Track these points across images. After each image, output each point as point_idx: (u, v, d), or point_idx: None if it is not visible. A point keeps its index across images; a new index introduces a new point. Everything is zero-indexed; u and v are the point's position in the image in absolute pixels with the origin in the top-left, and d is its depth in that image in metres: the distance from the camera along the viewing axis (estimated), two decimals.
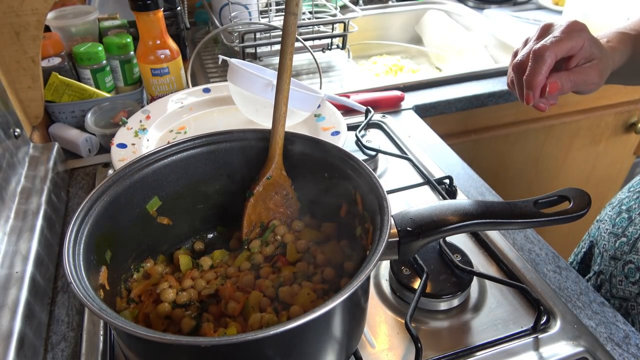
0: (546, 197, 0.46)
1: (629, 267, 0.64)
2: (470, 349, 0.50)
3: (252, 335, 0.32)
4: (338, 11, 1.10)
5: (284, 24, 0.49)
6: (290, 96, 0.70)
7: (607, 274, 0.67)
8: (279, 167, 0.52)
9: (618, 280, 0.65)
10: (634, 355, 0.51)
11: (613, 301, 0.65)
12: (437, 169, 0.76)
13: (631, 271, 0.63)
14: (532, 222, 0.45)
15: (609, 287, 0.66)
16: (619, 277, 0.65)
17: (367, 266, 0.36)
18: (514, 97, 1.05)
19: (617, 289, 0.65)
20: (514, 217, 0.45)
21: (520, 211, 0.45)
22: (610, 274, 0.66)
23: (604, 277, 0.68)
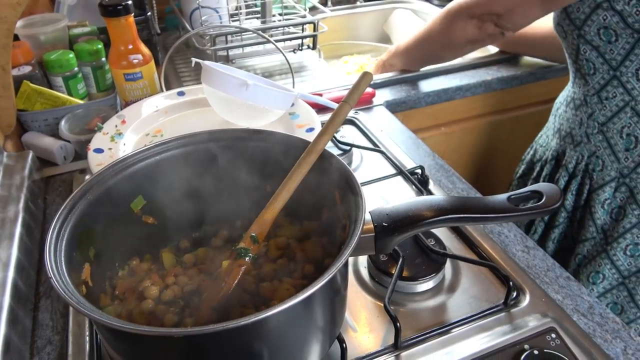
0: (519, 193, 0.48)
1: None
2: (446, 326, 0.53)
3: (223, 325, 0.32)
4: (307, 12, 1.12)
5: (337, 110, 0.50)
6: (265, 95, 0.72)
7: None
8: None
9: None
10: (598, 324, 0.55)
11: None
12: (409, 161, 0.79)
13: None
14: (506, 216, 0.47)
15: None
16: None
17: (338, 260, 0.38)
18: (481, 90, 1.10)
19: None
20: (488, 212, 0.47)
21: (494, 206, 0.47)
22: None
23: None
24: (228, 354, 0.38)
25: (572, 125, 0.81)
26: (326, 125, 0.50)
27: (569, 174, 0.82)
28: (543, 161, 0.89)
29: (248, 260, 0.46)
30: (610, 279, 0.78)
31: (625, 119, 0.72)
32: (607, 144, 0.75)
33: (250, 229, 0.47)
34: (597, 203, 0.77)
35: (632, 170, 0.73)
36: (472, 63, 1.14)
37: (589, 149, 0.77)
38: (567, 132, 0.82)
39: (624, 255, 0.76)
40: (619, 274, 0.77)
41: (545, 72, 1.13)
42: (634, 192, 0.73)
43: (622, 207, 0.75)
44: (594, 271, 0.78)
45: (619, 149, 0.74)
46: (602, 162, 0.76)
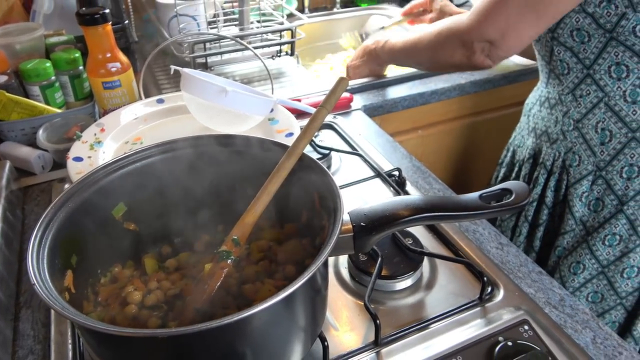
0: (490, 191, 0.50)
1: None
2: (425, 322, 0.55)
3: (207, 325, 0.34)
4: (285, 19, 1.14)
5: (315, 114, 0.51)
6: (244, 101, 0.73)
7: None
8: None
9: None
10: (569, 315, 0.57)
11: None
12: (387, 163, 0.81)
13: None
14: (478, 214, 0.49)
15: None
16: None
17: (317, 259, 0.39)
18: (455, 94, 1.13)
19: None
20: (460, 210, 0.49)
21: (467, 204, 0.49)
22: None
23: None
24: (212, 354, 0.39)
25: (548, 123, 0.83)
26: (304, 129, 0.51)
27: (547, 171, 0.84)
28: (521, 161, 0.91)
29: (230, 263, 0.47)
30: (591, 269, 0.80)
31: (599, 114, 0.75)
32: (583, 140, 0.78)
33: (231, 232, 0.48)
34: (575, 197, 0.80)
35: (608, 163, 0.76)
36: None
37: (566, 145, 0.80)
38: (542, 130, 0.85)
39: (602, 246, 0.79)
40: (598, 263, 0.80)
41: (517, 75, 1.17)
42: (610, 183, 0.76)
43: (600, 199, 0.78)
44: (575, 262, 0.81)
45: (594, 144, 0.76)
46: (579, 157, 0.78)
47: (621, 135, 0.73)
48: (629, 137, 0.73)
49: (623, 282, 0.79)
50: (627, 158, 0.74)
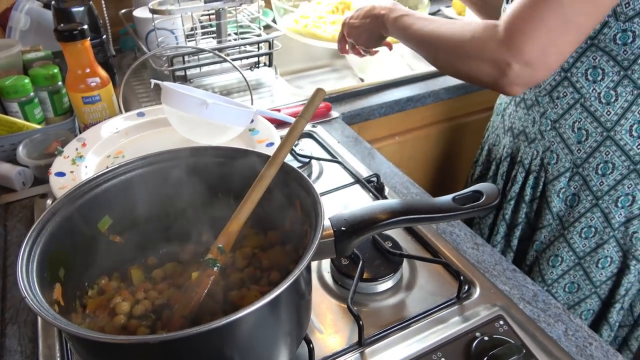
0: (463, 193, 0.53)
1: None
2: (406, 322, 0.57)
3: (198, 329, 0.35)
4: (262, 31, 1.16)
5: (294, 124, 0.53)
6: (224, 113, 0.75)
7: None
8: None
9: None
10: (542, 309, 0.60)
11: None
12: (366, 169, 0.84)
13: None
14: (451, 215, 0.51)
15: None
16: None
17: (300, 264, 0.41)
18: (430, 100, 1.17)
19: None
20: (435, 212, 0.51)
21: (441, 206, 0.52)
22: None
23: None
24: (202, 358, 0.40)
25: (525, 124, 0.85)
26: (285, 139, 0.53)
27: (525, 170, 0.86)
28: (498, 159, 0.94)
29: (216, 270, 0.48)
30: (568, 261, 0.84)
31: (575, 114, 0.78)
32: (561, 139, 0.80)
33: (216, 241, 0.50)
34: (553, 193, 0.82)
35: (584, 160, 0.79)
36: (421, 75, 1.20)
37: (544, 144, 0.82)
38: (520, 130, 0.87)
39: (579, 238, 0.82)
40: (575, 255, 0.83)
41: None
42: (586, 179, 0.80)
43: (576, 194, 0.82)
44: (553, 255, 0.84)
45: (571, 142, 0.79)
46: (557, 156, 0.81)
47: (597, 134, 0.77)
48: (604, 135, 0.76)
49: (598, 271, 0.84)
50: (602, 155, 0.77)
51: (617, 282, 0.85)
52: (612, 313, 0.85)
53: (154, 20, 1.02)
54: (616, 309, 0.85)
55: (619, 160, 0.77)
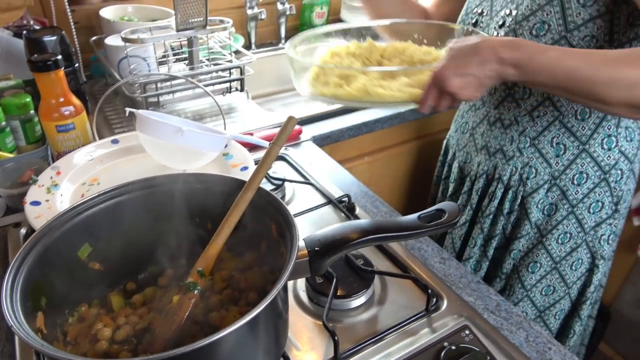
0: (427, 212, 0.57)
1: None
2: (379, 335, 0.60)
3: (182, 349, 0.37)
4: (233, 57, 1.19)
5: (267, 151, 0.55)
6: (199, 139, 0.77)
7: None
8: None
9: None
10: (505, 318, 0.64)
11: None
12: (337, 190, 0.87)
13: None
14: (416, 233, 0.55)
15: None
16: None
17: (277, 284, 0.43)
18: (397, 122, 1.22)
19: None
20: (402, 230, 0.55)
21: (407, 225, 0.55)
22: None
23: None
24: None
25: (502, 142, 0.88)
26: (259, 165, 0.56)
27: (504, 186, 0.90)
28: (472, 176, 0.96)
29: (197, 293, 0.50)
30: (546, 266, 0.89)
31: (554, 130, 0.82)
32: (539, 154, 0.85)
33: (196, 265, 0.52)
34: (532, 205, 0.87)
35: (561, 172, 0.84)
36: None
37: (522, 161, 0.86)
38: (496, 148, 0.90)
39: (556, 244, 0.88)
40: (552, 260, 0.89)
41: None
42: (563, 190, 0.85)
43: (554, 204, 0.87)
44: (533, 262, 0.89)
45: (550, 157, 0.84)
46: (535, 170, 0.86)
47: (574, 147, 0.82)
48: (580, 148, 0.82)
49: (572, 273, 0.90)
50: (578, 167, 0.83)
51: (587, 281, 0.92)
52: (584, 309, 0.92)
53: (126, 48, 1.04)
54: (586, 304, 0.92)
55: (592, 171, 0.83)
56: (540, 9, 0.75)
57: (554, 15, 0.73)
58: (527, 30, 0.76)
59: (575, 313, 0.95)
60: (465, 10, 0.91)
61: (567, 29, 0.73)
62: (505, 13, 0.80)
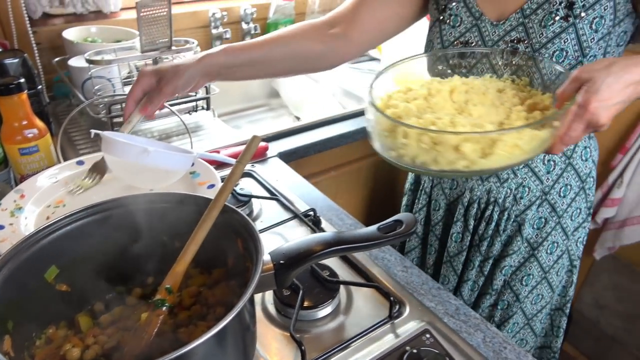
0: (386, 223, 0.59)
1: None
2: (345, 343, 0.62)
3: None
4: None
5: (232, 169, 0.57)
6: (165, 159, 0.79)
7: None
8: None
9: None
10: (463, 321, 0.68)
11: None
12: (303, 204, 0.90)
13: None
14: (376, 243, 0.58)
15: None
16: None
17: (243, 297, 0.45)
18: (360, 136, 1.26)
19: None
20: (362, 241, 0.57)
21: (367, 236, 0.58)
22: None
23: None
24: None
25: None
26: (224, 184, 0.58)
27: (500, 208, 0.90)
28: (465, 203, 0.93)
29: (165, 310, 0.52)
30: (537, 277, 0.93)
31: None
32: (532, 173, 0.87)
33: (164, 282, 0.53)
34: (526, 222, 0.89)
35: (551, 187, 0.88)
36: (351, 113, 1.30)
37: (516, 182, 0.88)
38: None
39: (546, 254, 0.92)
40: (542, 270, 0.93)
41: None
42: (552, 203, 0.88)
43: (544, 217, 0.90)
44: (526, 274, 0.92)
45: (542, 174, 0.87)
46: (528, 188, 0.88)
47: (561, 162, 0.86)
48: (566, 162, 0.86)
49: (558, 279, 0.95)
50: (564, 180, 0.87)
51: (567, 283, 0.97)
52: (567, 307, 0.98)
53: (90, 69, 1.05)
54: (569, 302, 0.98)
55: (574, 182, 0.88)
56: (556, 36, 0.75)
57: (570, 42, 0.75)
58: (547, 57, 0.75)
59: (560, 312, 0.99)
60: (442, 45, 0.86)
61: (583, 54, 0.75)
62: (510, 40, 0.79)
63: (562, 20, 0.74)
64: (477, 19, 0.82)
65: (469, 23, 0.83)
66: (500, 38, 0.80)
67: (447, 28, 0.85)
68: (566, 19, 0.74)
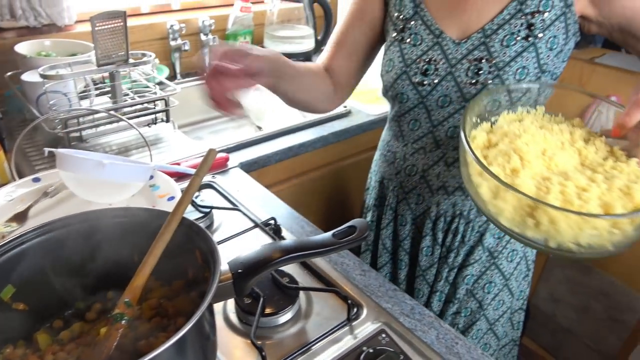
0: (340, 229, 0.62)
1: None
2: (305, 346, 0.64)
3: None
4: (157, 88, 1.21)
5: (190, 182, 0.58)
6: (122, 171, 0.79)
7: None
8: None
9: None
10: (418, 320, 0.71)
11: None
12: (264, 214, 0.91)
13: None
14: (331, 249, 0.60)
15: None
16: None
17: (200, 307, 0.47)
18: (320, 145, 1.29)
19: None
20: (318, 247, 0.60)
21: (323, 243, 0.61)
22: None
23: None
24: None
25: (461, 180, 0.85)
26: (182, 196, 0.59)
27: (466, 220, 0.91)
28: (433, 217, 0.94)
29: (124, 323, 0.52)
30: (499, 284, 0.96)
31: None
32: None
33: (123, 296, 0.54)
34: (487, 231, 0.91)
35: None
36: (310, 122, 1.33)
37: None
38: (455, 187, 0.90)
39: (507, 262, 0.94)
40: (503, 277, 0.95)
41: (369, 124, 1.37)
42: None
43: None
44: (488, 282, 0.95)
45: None
46: None
47: None
48: None
49: (517, 284, 0.98)
50: None
51: (525, 284, 1.00)
52: (525, 304, 1.02)
53: (44, 84, 1.03)
54: (526, 300, 1.01)
55: None
56: (518, 55, 0.79)
57: (531, 60, 0.79)
58: (511, 75, 0.80)
59: (519, 310, 1.03)
60: (403, 63, 0.86)
61: (542, 71, 0.80)
62: (474, 58, 0.81)
63: (523, 40, 0.78)
64: (438, 37, 0.84)
65: (430, 41, 0.85)
66: (464, 56, 0.82)
67: (407, 47, 0.86)
68: (527, 39, 0.78)
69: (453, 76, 0.83)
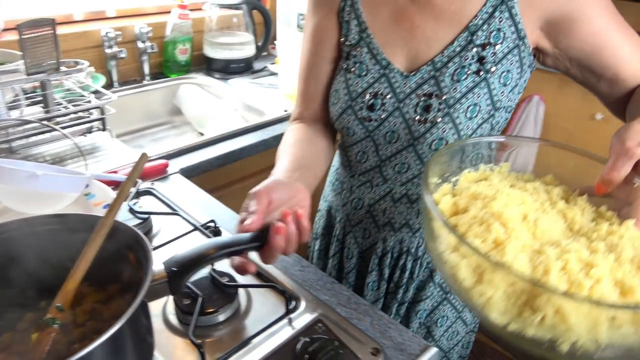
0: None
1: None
2: (245, 341, 0.66)
3: None
4: (92, 97, 1.19)
5: (121, 187, 0.58)
6: (55, 182, 0.78)
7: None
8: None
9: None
10: (354, 309, 0.75)
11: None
12: (205, 217, 0.92)
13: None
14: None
15: None
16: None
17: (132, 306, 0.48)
18: (262, 148, 1.31)
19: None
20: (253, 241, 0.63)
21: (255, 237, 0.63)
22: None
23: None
24: None
25: (408, 217, 0.86)
26: (114, 201, 0.60)
27: (413, 257, 0.89)
28: (378, 253, 0.92)
29: (56, 328, 0.52)
30: (451, 317, 0.95)
31: None
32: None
33: (55, 300, 0.54)
34: (437, 269, 0.90)
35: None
36: (251, 127, 1.35)
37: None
38: (402, 223, 0.88)
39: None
40: (455, 311, 0.95)
41: None
42: None
43: None
44: (440, 317, 0.94)
45: None
46: None
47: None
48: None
49: (470, 315, 0.98)
50: None
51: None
52: (473, 334, 1.02)
53: None
54: (477, 327, 1.01)
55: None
56: (469, 91, 0.74)
57: (483, 97, 0.75)
58: (462, 113, 0.75)
59: (470, 333, 1.01)
60: (349, 96, 0.81)
61: (494, 108, 0.76)
62: (423, 93, 0.77)
63: (474, 74, 0.74)
64: (385, 68, 0.78)
65: (376, 72, 0.79)
66: (413, 91, 0.77)
67: (353, 77, 0.81)
68: (478, 74, 0.74)
69: (401, 112, 0.78)
